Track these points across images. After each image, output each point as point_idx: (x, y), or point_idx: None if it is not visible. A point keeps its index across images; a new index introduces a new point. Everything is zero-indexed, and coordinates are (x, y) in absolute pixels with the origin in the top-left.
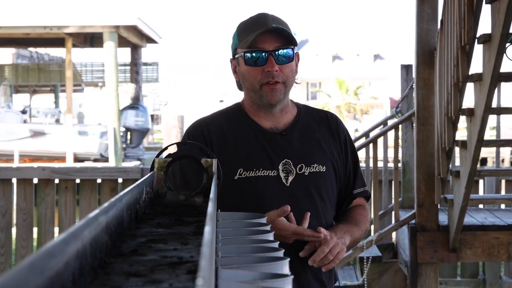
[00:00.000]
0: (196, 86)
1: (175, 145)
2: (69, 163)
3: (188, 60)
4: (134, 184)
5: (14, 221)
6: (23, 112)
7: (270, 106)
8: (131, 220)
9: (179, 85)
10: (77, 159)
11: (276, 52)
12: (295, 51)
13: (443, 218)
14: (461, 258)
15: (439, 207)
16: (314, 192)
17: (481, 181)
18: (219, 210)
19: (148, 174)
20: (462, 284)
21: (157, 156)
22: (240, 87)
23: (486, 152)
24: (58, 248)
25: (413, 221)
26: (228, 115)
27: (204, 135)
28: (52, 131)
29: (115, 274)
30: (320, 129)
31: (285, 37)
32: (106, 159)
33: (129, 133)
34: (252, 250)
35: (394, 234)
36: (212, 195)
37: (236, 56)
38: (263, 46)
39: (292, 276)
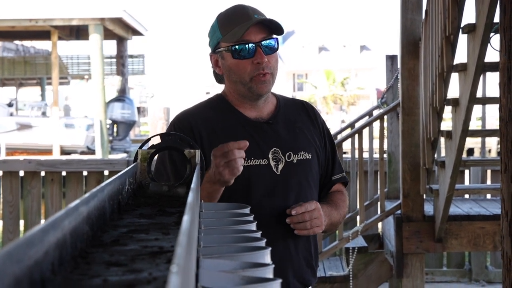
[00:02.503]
0: (182, 78)
1: (159, 136)
2: (56, 155)
3: (174, 52)
4: (117, 175)
5: (0, 214)
6: (10, 105)
7: (259, 97)
8: (114, 211)
9: (165, 77)
10: (63, 151)
11: (263, 43)
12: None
13: (428, 208)
14: (447, 248)
15: (424, 197)
16: (303, 179)
17: (466, 171)
18: (202, 201)
19: (131, 165)
20: (448, 274)
21: (141, 147)
22: (219, 80)
23: (473, 143)
24: (37, 238)
25: (399, 212)
26: (212, 106)
27: (191, 126)
28: (39, 124)
29: (96, 263)
30: (301, 118)
31: (268, 28)
32: (92, 152)
33: (115, 125)
34: (234, 240)
35: (380, 225)
36: (193, 185)
37: (219, 50)
38: (250, 38)
39: (273, 265)
